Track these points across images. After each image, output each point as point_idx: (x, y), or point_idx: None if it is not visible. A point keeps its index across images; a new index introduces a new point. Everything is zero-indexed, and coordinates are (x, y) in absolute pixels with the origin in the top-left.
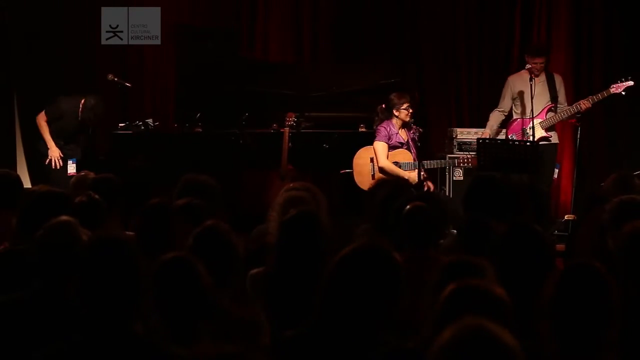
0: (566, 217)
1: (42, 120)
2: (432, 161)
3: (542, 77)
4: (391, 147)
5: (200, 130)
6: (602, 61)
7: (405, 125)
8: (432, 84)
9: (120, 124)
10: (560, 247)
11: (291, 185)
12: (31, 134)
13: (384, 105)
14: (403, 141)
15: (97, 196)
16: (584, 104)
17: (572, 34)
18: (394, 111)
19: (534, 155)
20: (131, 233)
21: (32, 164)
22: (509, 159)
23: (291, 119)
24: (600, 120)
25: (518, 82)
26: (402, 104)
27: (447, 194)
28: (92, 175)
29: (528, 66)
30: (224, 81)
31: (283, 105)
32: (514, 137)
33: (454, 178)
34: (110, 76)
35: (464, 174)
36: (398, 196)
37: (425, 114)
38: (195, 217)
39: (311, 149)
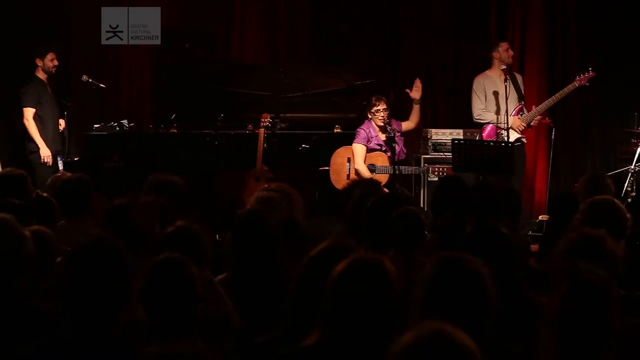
0: (540, 217)
1: (29, 116)
2: (407, 167)
3: (507, 78)
4: (369, 150)
5: (175, 131)
6: (576, 62)
7: (383, 128)
8: (408, 84)
9: (95, 125)
10: (535, 247)
11: (265, 186)
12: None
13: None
14: (382, 144)
15: (44, 194)
16: (552, 102)
17: (546, 35)
18: (368, 114)
19: (508, 156)
20: None
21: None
22: (483, 159)
23: (266, 120)
24: (574, 121)
25: (487, 82)
26: (374, 107)
27: (422, 195)
28: (67, 175)
29: (503, 67)
30: (200, 82)
31: (258, 106)
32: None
33: (429, 179)
34: (84, 77)
35: (439, 176)
36: (371, 196)
37: (401, 114)
38: (159, 216)
39: (287, 150)
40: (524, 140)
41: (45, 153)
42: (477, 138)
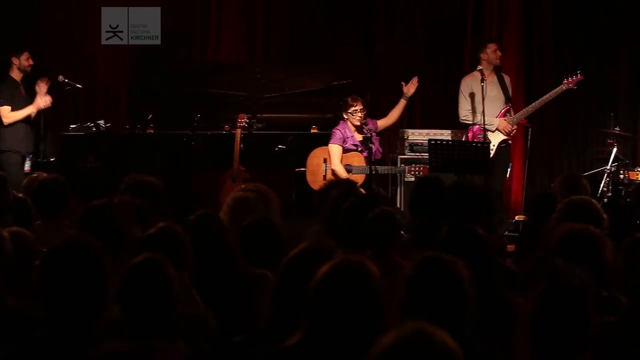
0: (517, 217)
1: (6, 113)
2: (384, 167)
3: (494, 79)
4: (345, 150)
5: (152, 131)
6: (553, 62)
7: (358, 128)
8: (385, 85)
9: (71, 126)
10: (511, 247)
11: (242, 186)
12: None
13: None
14: (358, 144)
15: (20, 195)
16: (539, 104)
17: (522, 36)
18: (344, 114)
19: (485, 156)
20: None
21: None
22: (460, 160)
23: (243, 121)
24: (550, 122)
25: (475, 83)
26: (351, 107)
27: (399, 195)
28: (44, 176)
29: (480, 67)
30: (177, 82)
31: (235, 107)
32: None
33: (406, 179)
34: (60, 77)
35: (416, 176)
36: (348, 197)
37: (377, 114)
38: (137, 217)
39: (263, 151)
40: (509, 141)
41: (40, 101)
42: (463, 139)
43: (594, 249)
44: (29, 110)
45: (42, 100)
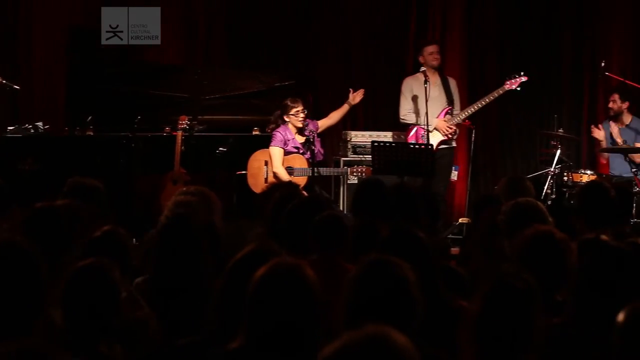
0: (460, 220)
1: None
2: (326, 169)
3: (438, 80)
4: (287, 152)
5: (91, 133)
6: (495, 63)
7: (299, 130)
8: (327, 86)
9: (9, 127)
10: (455, 250)
11: (183, 189)
12: None
13: (279, 111)
14: (299, 146)
15: None
16: (480, 104)
17: (465, 37)
18: (285, 117)
19: (429, 158)
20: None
21: None
22: (404, 162)
23: (184, 122)
24: (494, 123)
25: (416, 84)
26: (292, 109)
27: (342, 197)
28: None
29: (423, 69)
30: (116, 84)
31: (176, 108)
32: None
33: (348, 181)
34: None
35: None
36: (291, 200)
37: (319, 116)
38: (80, 220)
39: (205, 152)
40: (454, 144)
41: None
42: (405, 140)
43: (558, 252)
44: None
45: None
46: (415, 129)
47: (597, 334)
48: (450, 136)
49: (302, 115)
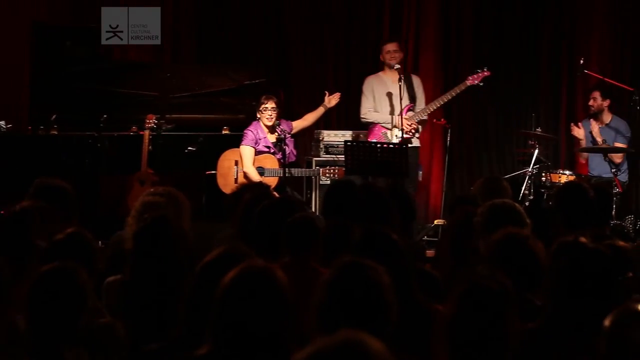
0: (436, 222)
1: None
2: (298, 170)
3: (401, 78)
4: (258, 152)
5: (56, 132)
6: (472, 61)
7: (271, 129)
8: (299, 85)
9: None
10: (431, 253)
11: (151, 190)
12: None
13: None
14: (271, 145)
15: None
16: (441, 101)
17: (441, 34)
18: (257, 113)
19: (402, 158)
20: None
21: None
22: (377, 162)
23: (151, 121)
24: (470, 122)
25: (377, 83)
26: (262, 105)
27: (314, 199)
28: None
29: (397, 66)
30: (82, 82)
31: (143, 107)
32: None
33: (321, 182)
34: None
35: (331, 178)
36: (262, 201)
37: (292, 115)
38: (46, 222)
39: (173, 152)
40: (417, 144)
41: None
42: (362, 139)
43: (529, 254)
44: None
45: None
46: (376, 127)
47: (575, 338)
48: (411, 134)
49: (270, 112)
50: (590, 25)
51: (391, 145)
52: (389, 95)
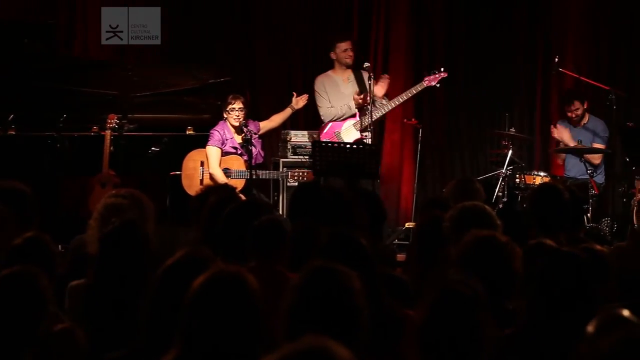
0: (407, 224)
1: None
2: (265, 172)
3: (351, 76)
4: (225, 153)
5: (13, 133)
6: (444, 59)
7: (238, 129)
8: (266, 84)
9: None
10: (402, 256)
11: (113, 192)
12: None
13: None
14: (238, 146)
15: None
16: (397, 101)
17: (412, 31)
18: (224, 113)
19: (373, 159)
20: None
21: None
22: (347, 163)
23: (113, 121)
24: (442, 122)
25: (328, 82)
26: (229, 105)
27: (281, 202)
28: None
29: (367, 64)
30: (40, 80)
31: (105, 107)
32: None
33: (288, 184)
34: None
35: (299, 181)
36: (228, 204)
37: (258, 115)
38: (2, 226)
39: (136, 153)
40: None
41: None
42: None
43: (502, 258)
44: None
45: None
46: (329, 126)
47: (551, 345)
48: (363, 135)
49: (237, 112)
50: (566, 24)
51: (361, 146)
52: (342, 95)
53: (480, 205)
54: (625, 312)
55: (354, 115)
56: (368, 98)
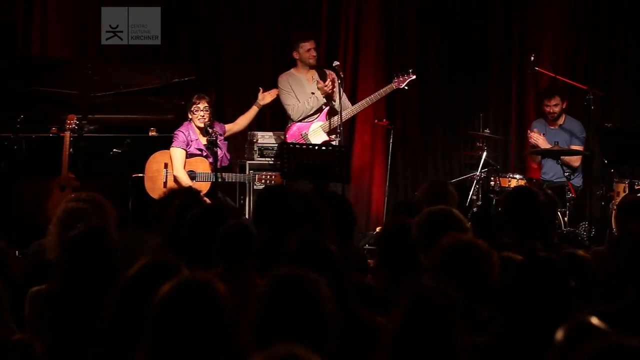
0: (378, 229)
1: None
2: (231, 174)
3: (315, 75)
4: (189, 155)
5: None
6: (415, 59)
7: (204, 131)
8: (232, 84)
9: None
10: (372, 262)
11: (73, 195)
12: None
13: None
14: (203, 148)
15: None
16: (366, 103)
17: (383, 28)
18: (189, 114)
19: (343, 162)
20: None
21: None
22: (315, 166)
23: (72, 122)
24: (414, 123)
25: (293, 80)
26: (194, 105)
27: (248, 205)
28: None
29: (337, 63)
30: None
31: (64, 107)
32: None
33: (255, 188)
34: None
35: (267, 184)
36: (192, 207)
37: (224, 115)
38: None
39: (96, 155)
40: (334, 144)
41: None
42: (282, 139)
43: (481, 265)
44: None
45: None
46: (295, 127)
47: (527, 354)
48: (331, 137)
49: (202, 113)
50: (542, 21)
51: (330, 148)
52: (308, 94)
53: (448, 209)
54: (594, 320)
55: (320, 111)
56: (333, 85)
